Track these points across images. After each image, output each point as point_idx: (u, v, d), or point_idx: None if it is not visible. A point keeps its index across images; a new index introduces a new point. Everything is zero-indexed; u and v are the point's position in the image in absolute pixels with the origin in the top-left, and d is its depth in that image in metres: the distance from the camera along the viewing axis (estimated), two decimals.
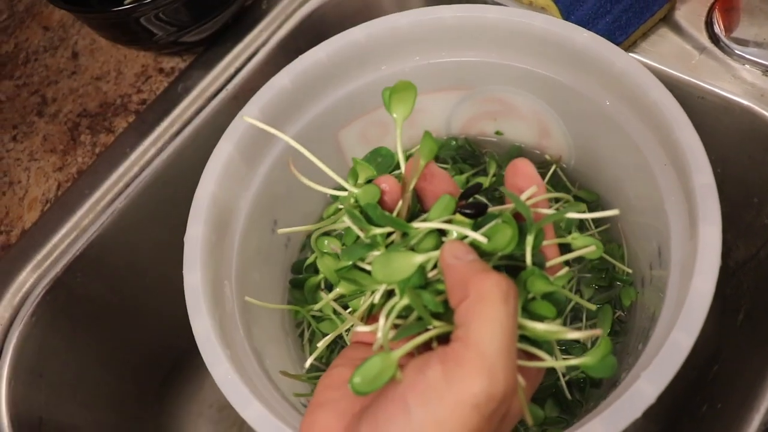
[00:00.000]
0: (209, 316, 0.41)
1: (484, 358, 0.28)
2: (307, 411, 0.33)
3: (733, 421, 0.46)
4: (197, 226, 0.45)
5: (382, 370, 0.29)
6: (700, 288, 0.39)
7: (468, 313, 0.29)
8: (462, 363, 0.28)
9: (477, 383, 0.27)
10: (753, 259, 0.61)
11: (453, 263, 0.32)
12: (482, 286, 0.29)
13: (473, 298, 0.29)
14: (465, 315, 0.29)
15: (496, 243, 0.34)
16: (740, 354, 0.57)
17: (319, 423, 0.32)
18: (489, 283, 0.29)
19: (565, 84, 0.52)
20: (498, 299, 0.29)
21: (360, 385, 0.29)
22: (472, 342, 0.28)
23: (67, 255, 0.58)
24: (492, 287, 0.29)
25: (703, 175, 0.42)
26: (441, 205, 0.37)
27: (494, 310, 0.29)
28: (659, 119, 0.45)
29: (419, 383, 0.28)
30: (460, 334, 0.29)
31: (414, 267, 0.34)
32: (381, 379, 0.29)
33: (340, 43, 0.51)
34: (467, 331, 0.29)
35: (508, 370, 0.28)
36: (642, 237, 0.53)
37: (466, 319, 0.29)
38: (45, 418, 0.57)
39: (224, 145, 0.48)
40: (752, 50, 0.54)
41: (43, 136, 0.64)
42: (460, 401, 0.27)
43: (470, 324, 0.29)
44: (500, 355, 0.28)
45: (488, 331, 0.28)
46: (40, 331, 0.57)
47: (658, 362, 0.37)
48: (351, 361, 0.34)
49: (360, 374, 0.29)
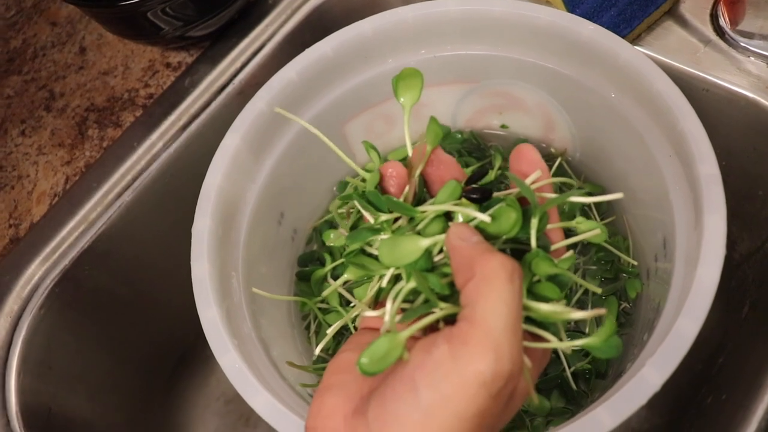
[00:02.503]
0: (217, 306, 0.42)
1: (490, 336, 0.28)
2: (316, 394, 0.33)
3: (738, 411, 0.46)
4: (204, 219, 0.45)
5: (389, 351, 0.30)
6: (704, 277, 0.39)
7: (473, 292, 0.29)
8: (468, 341, 0.28)
9: (483, 361, 0.28)
10: (758, 251, 0.61)
11: (458, 244, 0.32)
12: (487, 265, 0.30)
13: (478, 277, 0.30)
14: (470, 295, 0.30)
15: (501, 225, 0.34)
16: (745, 346, 0.57)
17: (327, 405, 0.32)
18: (494, 263, 0.30)
19: (571, 77, 0.52)
20: (503, 278, 0.29)
21: (368, 365, 0.30)
22: (477, 320, 0.28)
23: (75, 248, 0.58)
24: (497, 267, 0.30)
25: (708, 165, 0.42)
26: (447, 189, 0.37)
27: (499, 289, 0.29)
28: (663, 110, 0.45)
29: (426, 362, 0.29)
30: (466, 314, 0.29)
31: (421, 250, 0.34)
32: (388, 359, 0.30)
33: (346, 36, 0.52)
34: (473, 311, 0.29)
35: (514, 348, 0.28)
36: (647, 229, 0.53)
37: (471, 299, 0.29)
38: (54, 410, 0.57)
39: (231, 138, 0.48)
40: (758, 42, 0.54)
41: (51, 130, 0.64)
42: (467, 379, 0.28)
43: (476, 303, 0.29)
44: (506, 334, 0.28)
45: (494, 310, 0.29)
46: (49, 324, 0.57)
47: (663, 350, 0.37)
48: (359, 346, 0.34)
49: (367, 355, 0.30)
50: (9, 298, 0.57)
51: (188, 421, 0.70)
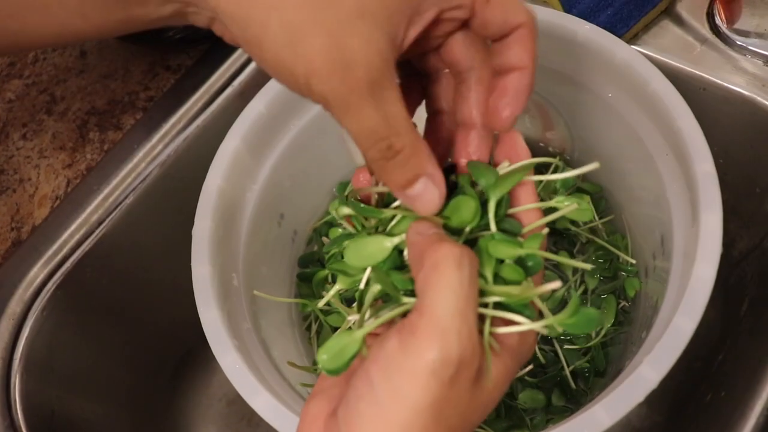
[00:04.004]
0: (217, 307, 0.42)
1: (437, 324, 0.28)
2: (306, 402, 0.33)
3: (736, 407, 0.47)
4: (205, 220, 0.46)
5: (346, 346, 0.30)
6: (701, 273, 0.39)
7: (422, 282, 0.29)
8: (415, 331, 0.28)
9: (430, 349, 0.28)
10: (756, 248, 0.61)
11: (415, 239, 0.32)
12: (435, 255, 0.29)
13: (427, 267, 0.29)
14: (420, 285, 0.29)
15: (461, 216, 0.34)
16: (744, 343, 0.58)
17: (311, 411, 0.32)
18: (442, 251, 0.29)
19: (568, 76, 0.53)
20: (450, 265, 0.29)
21: (326, 361, 0.30)
22: (425, 310, 0.28)
23: (77, 251, 0.58)
24: (444, 254, 0.29)
25: (704, 163, 0.42)
26: None
27: (446, 276, 0.29)
28: (660, 109, 0.46)
29: (379, 356, 0.29)
30: (416, 305, 0.29)
31: (387, 250, 0.34)
32: (345, 354, 0.30)
33: None
34: (422, 300, 0.29)
35: (463, 333, 0.28)
36: (645, 227, 0.53)
37: (421, 289, 0.29)
38: (57, 411, 0.57)
39: (231, 140, 0.49)
40: (753, 41, 0.55)
41: (53, 133, 0.65)
42: (416, 368, 0.28)
43: (424, 293, 0.29)
44: (453, 319, 0.28)
45: (440, 298, 0.28)
46: (51, 326, 0.58)
47: (661, 347, 0.38)
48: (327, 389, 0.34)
49: (325, 350, 0.30)
50: (12, 300, 0.57)
51: (190, 422, 0.70)
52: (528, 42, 0.33)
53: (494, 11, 0.32)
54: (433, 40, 0.34)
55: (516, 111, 0.34)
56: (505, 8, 0.32)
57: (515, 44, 0.33)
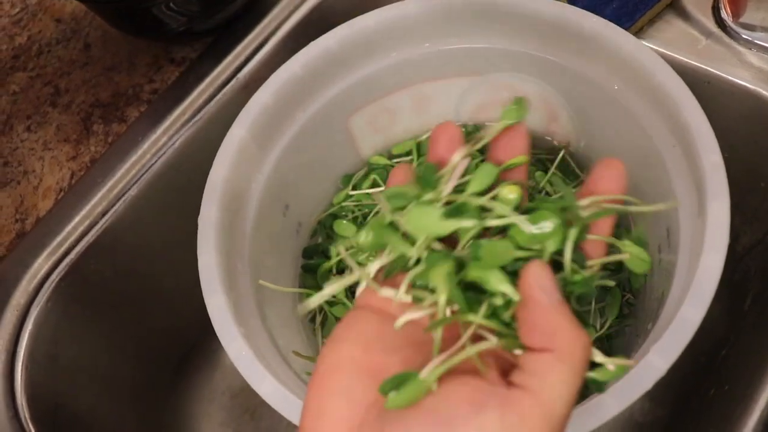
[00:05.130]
0: (223, 294, 0.42)
1: (551, 421, 0.27)
2: (312, 391, 0.31)
3: (740, 401, 0.47)
4: (211, 208, 0.45)
5: (416, 391, 0.28)
6: (709, 263, 0.39)
7: (546, 366, 0.27)
8: (525, 417, 0.27)
9: None
10: (760, 243, 0.61)
11: (539, 297, 0.29)
12: (572, 345, 0.28)
13: (558, 353, 0.28)
14: (541, 367, 0.28)
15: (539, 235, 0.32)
16: (748, 338, 0.58)
17: (330, 410, 0.30)
18: (580, 344, 0.28)
19: (574, 69, 0.53)
20: (581, 364, 0.28)
21: (393, 401, 0.28)
22: (544, 401, 0.27)
23: (81, 242, 0.58)
24: (579, 348, 0.28)
25: (711, 154, 0.42)
26: (482, 173, 0.35)
27: (574, 375, 0.27)
28: (666, 101, 0.46)
29: (471, 421, 0.27)
30: (532, 386, 0.27)
31: (445, 230, 0.32)
32: (413, 398, 0.28)
33: (349, 30, 0.52)
34: (542, 387, 0.27)
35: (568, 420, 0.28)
36: (651, 220, 0.53)
37: (540, 371, 0.27)
38: (60, 403, 0.57)
39: (237, 130, 0.49)
40: (759, 35, 0.55)
41: (57, 126, 0.65)
42: None
43: (545, 378, 0.27)
44: (565, 420, 0.27)
45: (561, 393, 0.27)
46: (55, 318, 0.58)
47: (668, 336, 0.38)
48: (359, 335, 0.32)
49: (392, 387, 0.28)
50: (16, 292, 0.57)
51: (194, 415, 0.70)
52: None
53: None
54: None
55: None
56: None
57: None
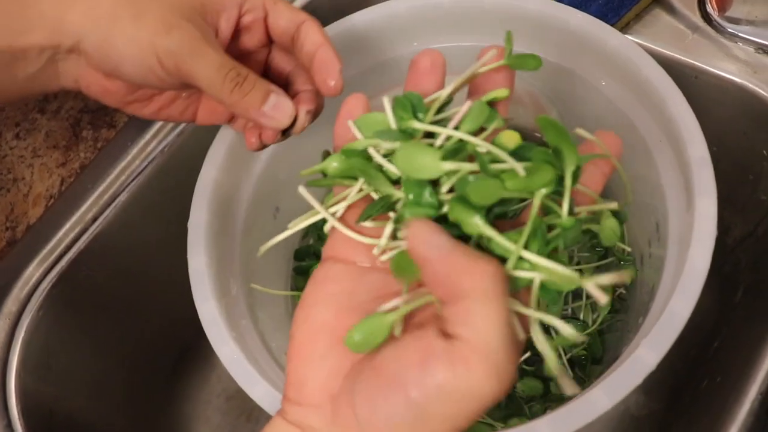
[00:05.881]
0: (214, 298, 0.42)
1: (493, 362, 0.27)
2: (292, 360, 0.32)
3: (731, 393, 0.47)
4: (201, 212, 0.46)
5: (377, 330, 0.30)
6: (697, 257, 0.39)
7: (466, 313, 0.28)
8: (470, 366, 0.27)
9: (487, 386, 0.27)
10: (751, 235, 0.61)
11: (429, 255, 0.29)
12: (481, 282, 0.28)
13: (473, 297, 0.28)
14: (466, 315, 0.28)
15: (534, 180, 0.31)
16: (739, 330, 0.58)
17: (310, 379, 0.31)
18: (486, 279, 0.28)
19: (561, 66, 0.53)
20: (499, 295, 0.28)
21: (357, 344, 0.30)
22: (480, 346, 0.27)
23: (73, 249, 0.58)
24: (491, 284, 0.28)
25: (698, 149, 0.43)
26: (475, 111, 0.34)
27: (497, 309, 0.28)
28: (653, 96, 0.46)
29: (427, 382, 0.28)
30: (464, 334, 0.28)
31: (441, 172, 0.31)
32: (376, 339, 0.30)
33: (338, 30, 0.52)
34: (473, 333, 0.28)
35: (512, 364, 0.28)
36: (640, 215, 0.54)
37: (467, 319, 0.28)
38: (55, 411, 0.57)
39: (226, 132, 0.49)
40: (744, 28, 0.55)
41: (46, 132, 0.65)
42: (470, 401, 0.28)
43: (472, 324, 0.28)
44: (507, 354, 0.28)
45: (494, 334, 0.28)
46: (48, 325, 0.57)
47: (658, 330, 0.38)
48: (329, 297, 0.33)
49: (358, 332, 0.30)
50: (8, 300, 0.57)
51: (189, 419, 0.70)
52: (315, 27, 0.42)
53: (281, 10, 0.42)
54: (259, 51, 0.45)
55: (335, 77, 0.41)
56: (290, 8, 0.42)
57: (308, 32, 0.42)
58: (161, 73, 0.39)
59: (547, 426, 0.37)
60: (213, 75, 0.38)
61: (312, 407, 0.31)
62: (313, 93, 0.44)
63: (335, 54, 0.41)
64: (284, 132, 0.42)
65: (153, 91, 0.43)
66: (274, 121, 0.40)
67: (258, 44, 0.44)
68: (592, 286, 0.30)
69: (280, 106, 0.40)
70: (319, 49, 0.41)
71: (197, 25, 0.39)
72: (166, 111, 0.45)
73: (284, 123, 0.41)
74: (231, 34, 0.42)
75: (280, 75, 0.46)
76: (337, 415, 0.30)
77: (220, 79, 0.38)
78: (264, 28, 0.43)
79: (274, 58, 0.46)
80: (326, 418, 0.30)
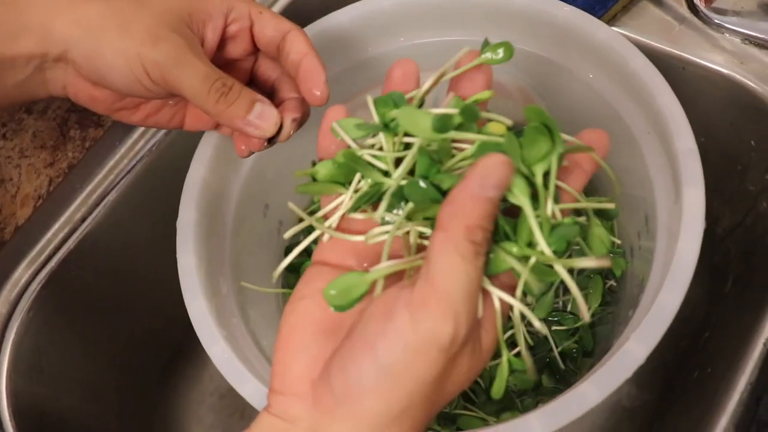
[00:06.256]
0: (204, 297, 0.42)
1: (450, 306, 0.28)
2: (278, 353, 0.33)
3: (721, 383, 0.47)
4: (189, 210, 0.45)
5: (355, 286, 0.31)
6: (685, 248, 0.39)
7: (438, 248, 0.29)
8: (427, 305, 0.28)
9: (442, 328, 0.28)
10: (739, 226, 0.62)
11: (472, 184, 0.30)
12: (465, 231, 0.29)
13: (449, 234, 0.29)
14: (435, 250, 0.29)
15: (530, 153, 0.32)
16: (729, 320, 0.58)
17: (294, 370, 0.32)
18: (472, 234, 0.29)
19: (549, 59, 0.53)
20: (467, 251, 0.29)
21: (333, 297, 0.31)
22: (438, 284, 0.29)
23: (62, 249, 0.58)
24: (470, 240, 0.29)
25: (685, 140, 0.43)
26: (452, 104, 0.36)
27: (462, 258, 0.29)
28: (640, 88, 0.46)
29: (388, 330, 0.29)
30: (427, 272, 0.29)
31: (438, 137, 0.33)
32: (353, 293, 0.31)
33: (323, 26, 0.52)
34: (434, 270, 0.29)
35: (471, 313, 0.29)
36: (629, 207, 0.54)
37: (434, 255, 0.29)
38: (46, 412, 0.57)
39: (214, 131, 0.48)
40: (731, 19, 0.55)
41: (33, 132, 0.64)
42: (427, 345, 0.28)
43: (437, 262, 0.29)
44: (464, 300, 0.29)
45: (455, 278, 0.29)
46: (38, 326, 0.57)
47: (647, 323, 0.38)
48: (316, 292, 0.34)
49: (333, 287, 0.31)
50: None
51: (182, 418, 0.70)
52: (300, 36, 0.42)
53: (267, 20, 0.43)
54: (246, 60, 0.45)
55: (321, 86, 0.41)
56: (276, 18, 0.43)
57: (293, 41, 0.42)
58: (148, 83, 0.39)
59: (539, 420, 0.37)
60: (198, 85, 0.39)
61: (295, 396, 0.31)
62: (299, 101, 0.44)
63: (320, 63, 0.42)
64: (270, 140, 0.43)
65: (140, 99, 0.44)
66: (259, 130, 0.41)
67: (244, 53, 0.45)
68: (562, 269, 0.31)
69: (265, 115, 0.41)
70: (305, 58, 0.41)
71: (184, 36, 0.39)
72: (153, 118, 0.45)
73: (270, 131, 0.41)
74: (217, 43, 0.43)
75: (266, 83, 0.46)
76: (317, 399, 0.31)
77: (206, 89, 0.39)
78: (250, 37, 0.44)
79: (260, 67, 0.46)
80: (308, 405, 0.31)
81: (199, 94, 0.39)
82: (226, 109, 0.39)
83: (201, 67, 0.39)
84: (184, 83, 0.38)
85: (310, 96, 0.42)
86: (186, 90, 0.39)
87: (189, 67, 0.38)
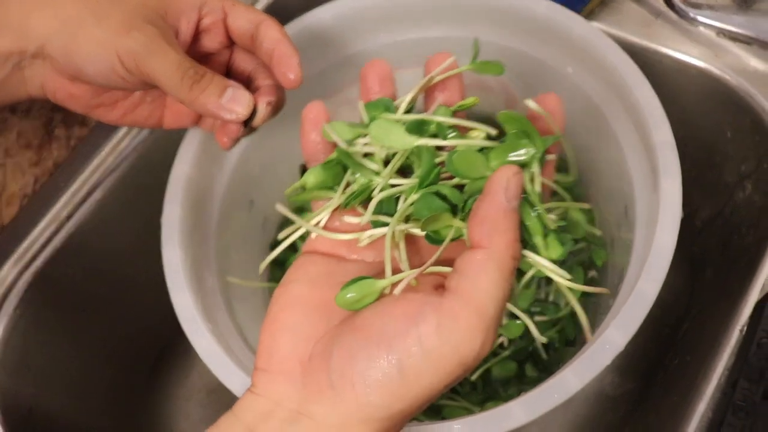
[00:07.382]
0: (190, 291, 0.42)
1: (483, 320, 0.28)
2: (264, 332, 0.33)
3: (700, 369, 0.48)
4: (174, 206, 0.46)
5: (367, 295, 0.31)
6: (662, 238, 0.40)
7: (476, 265, 0.29)
8: (458, 319, 0.28)
9: (470, 344, 0.28)
10: (718, 217, 0.63)
11: (499, 196, 0.30)
12: (507, 248, 0.29)
13: (492, 252, 0.29)
14: (472, 266, 0.29)
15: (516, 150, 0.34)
16: (709, 309, 0.59)
17: (281, 348, 0.32)
18: (512, 251, 0.29)
19: (529, 54, 0.54)
20: (509, 268, 0.29)
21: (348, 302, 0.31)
22: (474, 299, 0.28)
23: (48, 248, 0.58)
24: (511, 255, 0.29)
25: (662, 132, 0.44)
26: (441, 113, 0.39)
27: (502, 276, 0.29)
28: (618, 81, 0.47)
29: (411, 333, 0.28)
30: (460, 285, 0.29)
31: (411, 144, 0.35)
32: (364, 302, 0.31)
33: (305, 23, 0.53)
34: (470, 285, 0.29)
35: (495, 333, 0.29)
36: (609, 199, 0.55)
37: (471, 271, 0.29)
38: (34, 409, 0.57)
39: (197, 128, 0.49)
40: (706, 12, 0.56)
41: (18, 132, 0.64)
42: (448, 357, 0.28)
43: (475, 278, 0.29)
44: (496, 321, 0.29)
45: (492, 294, 0.29)
46: (25, 325, 0.57)
47: (626, 312, 0.39)
48: (307, 275, 0.34)
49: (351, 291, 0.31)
50: None
51: (171, 414, 0.70)
52: (274, 25, 0.42)
53: (240, 11, 0.43)
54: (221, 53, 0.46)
55: (294, 69, 0.42)
56: (249, 9, 0.43)
57: (267, 30, 0.42)
58: (122, 72, 0.39)
59: (521, 408, 0.38)
60: (172, 73, 0.39)
61: (281, 374, 0.31)
62: (273, 86, 0.45)
63: (293, 48, 0.42)
64: (246, 124, 0.43)
65: (117, 95, 0.44)
66: (233, 114, 0.41)
67: (219, 46, 0.45)
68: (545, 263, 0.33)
69: (237, 98, 0.41)
70: (278, 45, 0.42)
71: (158, 27, 0.40)
72: (131, 116, 0.46)
73: (243, 113, 0.41)
74: (191, 36, 0.43)
75: (241, 75, 0.47)
76: (308, 378, 0.30)
77: (179, 76, 0.39)
78: (224, 30, 0.44)
79: (235, 60, 0.47)
80: (296, 384, 0.30)
81: (172, 81, 0.39)
82: (199, 95, 0.40)
83: (174, 56, 0.39)
84: (157, 71, 0.39)
85: (284, 79, 0.42)
86: (159, 78, 0.39)
87: (162, 55, 0.39)
